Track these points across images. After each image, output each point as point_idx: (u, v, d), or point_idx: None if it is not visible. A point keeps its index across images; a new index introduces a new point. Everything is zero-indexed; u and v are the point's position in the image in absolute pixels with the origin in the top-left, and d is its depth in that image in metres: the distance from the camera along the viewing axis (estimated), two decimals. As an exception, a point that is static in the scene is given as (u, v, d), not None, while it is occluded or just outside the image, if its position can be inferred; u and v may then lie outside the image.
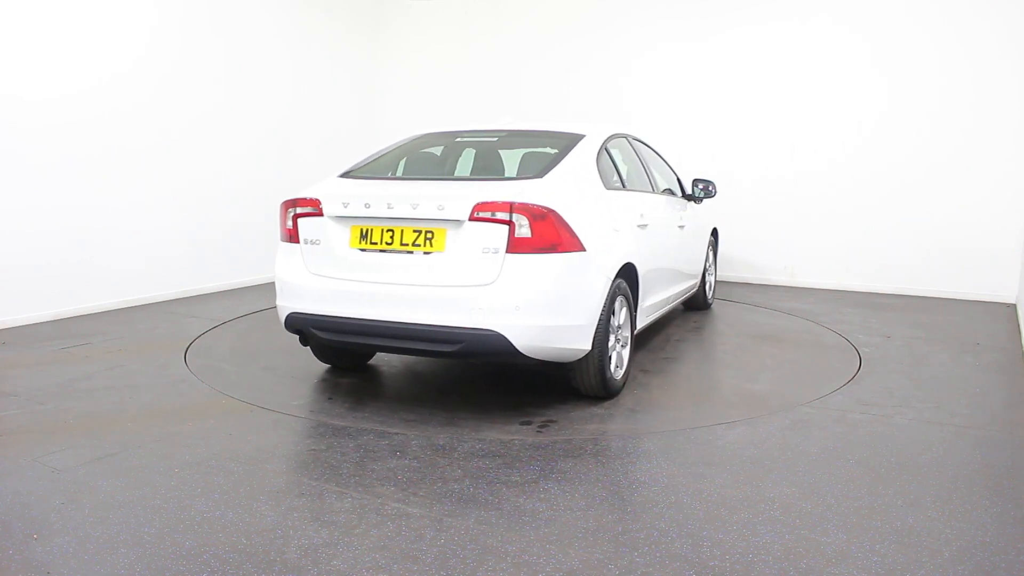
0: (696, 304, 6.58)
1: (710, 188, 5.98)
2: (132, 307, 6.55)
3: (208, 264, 7.30)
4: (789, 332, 5.85)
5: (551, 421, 3.84)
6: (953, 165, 7.16)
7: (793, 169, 7.83)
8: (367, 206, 3.85)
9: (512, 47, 8.98)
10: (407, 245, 3.79)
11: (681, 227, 5.48)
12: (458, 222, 3.69)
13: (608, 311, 3.95)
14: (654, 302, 4.92)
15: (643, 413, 3.98)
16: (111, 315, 6.23)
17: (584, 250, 3.77)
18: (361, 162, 4.69)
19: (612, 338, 4.09)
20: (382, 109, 9.46)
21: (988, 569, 2.45)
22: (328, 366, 4.81)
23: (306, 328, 4.02)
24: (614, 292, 4.03)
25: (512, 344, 3.59)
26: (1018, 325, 6.06)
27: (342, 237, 3.94)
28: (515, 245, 3.59)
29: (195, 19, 7.02)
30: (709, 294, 6.72)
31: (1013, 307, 6.82)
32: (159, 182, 6.80)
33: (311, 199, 4.04)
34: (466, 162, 4.95)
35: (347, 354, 4.71)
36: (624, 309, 4.23)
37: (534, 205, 3.62)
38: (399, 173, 4.58)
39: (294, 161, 8.10)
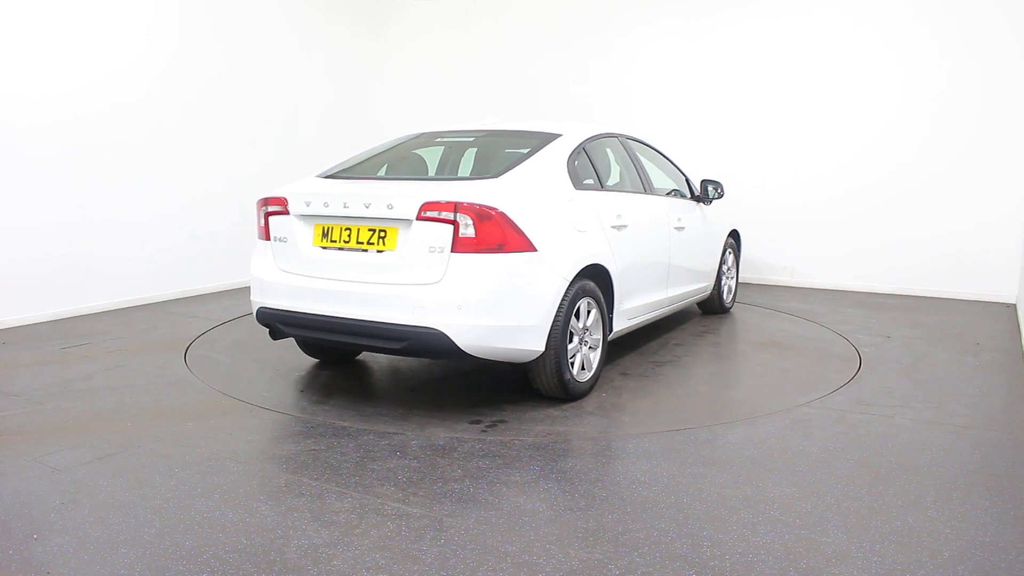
0: (711, 308, 6.42)
1: (717, 189, 5.88)
2: (132, 307, 6.55)
3: (208, 264, 7.30)
4: (786, 335, 5.85)
5: (501, 421, 3.84)
6: (955, 166, 7.16)
7: (794, 170, 7.83)
8: (326, 205, 3.96)
9: (512, 48, 8.97)
10: (362, 244, 3.88)
11: (680, 228, 5.37)
12: (407, 221, 3.75)
13: (568, 313, 3.93)
14: (639, 305, 4.81)
15: (598, 417, 3.91)
16: (111, 315, 6.23)
17: (535, 250, 3.76)
18: (341, 163, 4.76)
19: (575, 340, 4.07)
20: (383, 109, 9.45)
21: (988, 569, 2.45)
22: (329, 366, 4.81)
23: (273, 323, 4.16)
24: (577, 294, 4.00)
25: (454, 343, 3.62)
26: (1018, 325, 6.06)
27: (306, 235, 4.06)
28: (460, 245, 3.63)
29: (193, 17, 7.02)
30: (727, 297, 6.53)
31: (1013, 307, 6.82)
32: (158, 181, 6.80)
33: (279, 198, 4.17)
34: (438, 162, 4.95)
35: (330, 350, 4.79)
36: (594, 311, 4.20)
37: (479, 205, 3.65)
38: (374, 173, 4.55)
39: (294, 161, 8.09)
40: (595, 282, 4.22)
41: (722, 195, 5.98)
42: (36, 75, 5.81)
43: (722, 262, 6.32)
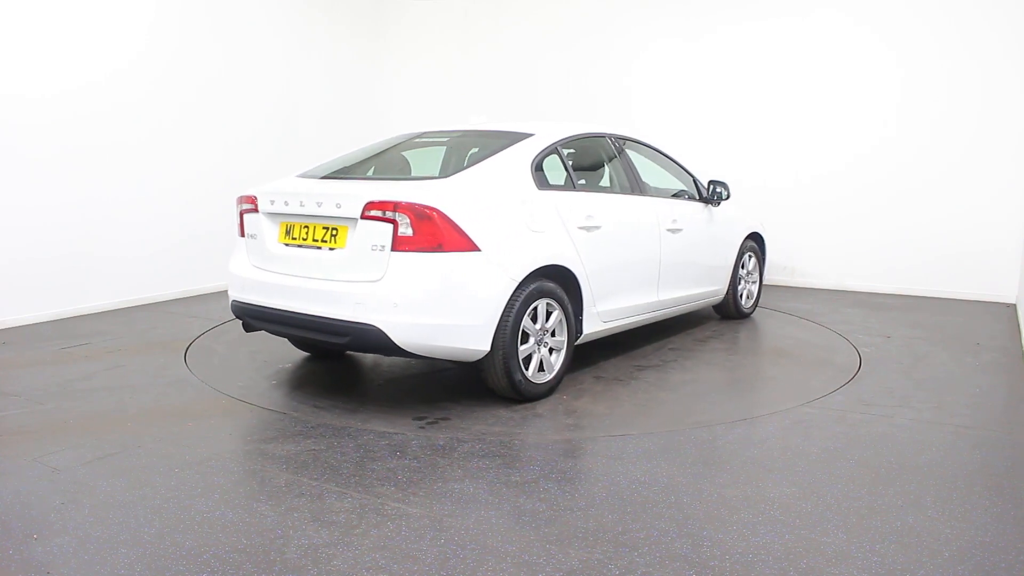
0: (727, 312, 6.20)
1: (721, 190, 5.71)
2: (132, 307, 6.55)
3: (208, 264, 7.29)
4: (785, 336, 5.85)
5: (444, 419, 3.85)
6: (955, 166, 7.15)
7: (795, 170, 7.83)
8: (286, 204, 4.13)
9: (512, 48, 8.97)
10: (317, 241, 4.01)
11: (675, 230, 5.20)
12: (354, 220, 3.84)
13: (519, 313, 3.92)
14: (620, 307, 4.73)
15: (544, 420, 3.86)
16: (111, 315, 6.23)
17: (477, 250, 3.78)
18: (322, 163, 4.81)
19: (531, 341, 4.05)
20: (383, 109, 9.45)
21: (988, 569, 2.45)
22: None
23: (243, 316, 4.34)
24: (532, 294, 3.98)
25: (391, 340, 3.69)
26: (1018, 325, 6.06)
27: (272, 232, 4.23)
28: (399, 243, 3.70)
29: (193, 17, 7.02)
30: (747, 303, 6.30)
31: (1013, 307, 6.82)
32: (158, 181, 6.80)
33: (251, 196, 4.33)
34: (411, 163, 4.92)
35: (311, 345, 4.95)
36: (556, 313, 4.17)
37: (417, 204, 3.70)
38: (347, 173, 4.57)
39: (294, 161, 8.06)
40: (559, 283, 4.20)
41: (727, 197, 5.80)
42: (36, 75, 5.81)
43: (739, 265, 6.10)
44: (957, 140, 7.12)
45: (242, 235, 4.41)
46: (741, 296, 6.24)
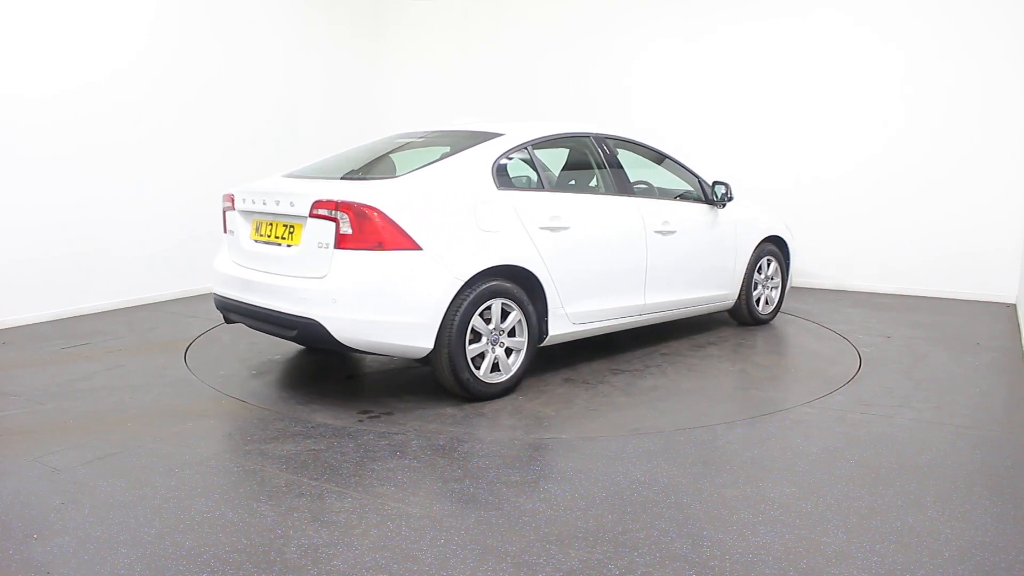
0: (741, 318, 5.99)
1: (723, 190, 5.56)
2: (132, 307, 6.55)
3: (208, 264, 7.26)
4: (781, 340, 5.85)
5: (388, 413, 3.91)
6: (955, 166, 7.15)
7: (795, 170, 7.82)
8: (253, 203, 4.32)
9: (512, 48, 8.97)
10: (279, 238, 4.17)
11: (666, 232, 5.05)
12: (304, 218, 3.98)
13: (468, 312, 3.93)
14: (597, 310, 4.66)
15: (485, 419, 3.84)
16: (111, 315, 6.23)
17: (419, 249, 3.84)
18: (311, 164, 4.91)
19: (483, 340, 4.05)
20: (383, 109, 9.44)
21: (988, 569, 2.45)
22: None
23: (222, 310, 4.56)
24: (484, 294, 3.99)
25: (331, 335, 3.81)
26: (1018, 325, 6.06)
27: (246, 229, 4.43)
28: (341, 241, 3.82)
29: (193, 17, 7.02)
30: (765, 308, 6.05)
31: (1013, 307, 6.82)
32: (158, 181, 6.80)
33: (230, 195, 4.56)
34: (391, 163, 4.89)
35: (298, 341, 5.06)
36: (514, 313, 4.16)
37: (356, 204, 3.80)
38: (325, 174, 4.57)
39: (294, 161, 8.05)
40: (518, 283, 4.19)
41: (731, 198, 5.65)
42: (36, 75, 5.81)
43: (755, 269, 5.88)
44: (957, 140, 7.12)
45: (225, 232, 4.63)
46: (758, 302, 6.00)
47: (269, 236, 4.22)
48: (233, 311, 4.41)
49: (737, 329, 5.94)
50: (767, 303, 6.12)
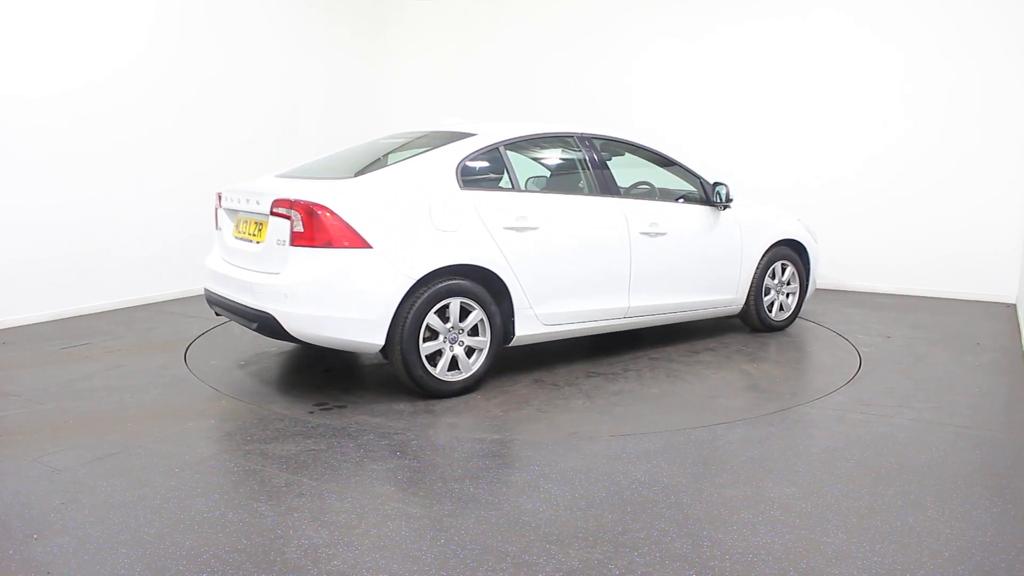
0: (751, 323, 5.79)
1: (723, 191, 5.42)
2: (132, 307, 6.55)
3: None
4: (781, 340, 5.84)
5: (341, 406, 4.01)
6: (955, 166, 7.15)
7: (795, 170, 7.82)
8: (236, 201, 4.49)
9: (512, 48, 8.97)
10: (251, 235, 4.33)
11: (654, 234, 4.94)
12: (267, 216, 4.13)
13: (422, 311, 3.98)
14: (573, 311, 4.61)
15: (431, 417, 3.85)
16: (111, 315, 6.23)
17: (369, 247, 3.92)
18: (304, 164, 5.02)
19: (440, 339, 4.09)
20: (383, 109, 9.44)
21: (988, 569, 2.45)
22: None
23: (210, 304, 4.70)
24: (439, 293, 4.03)
25: (284, 327, 3.97)
26: (1018, 325, 6.06)
27: (229, 227, 4.63)
28: (295, 239, 3.95)
29: (193, 17, 7.02)
30: (778, 314, 5.83)
31: (1013, 307, 6.82)
32: (158, 181, 6.80)
33: (219, 194, 4.74)
34: (355, 164, 4.82)
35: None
36: (475, 312, 4.16)
37: (308, 203, 3.92)
38: (307, 174, 4.62)
39: (294, 161, 8.05)
40: (480, 283, 4.19)
41: (732, 198, 5.54)
42: (36, 75, 5.81)
43: (767, 274, 5.68)
44: (957, 140, 7.12)
45: (216, 229, 4.81)
46: (771, 307, 5.78)
47: (245, 233, 4.40)
48: (217, 305, 4.57)
49: (745, 335, 5.75)
50: (782, 309, 5.88)
